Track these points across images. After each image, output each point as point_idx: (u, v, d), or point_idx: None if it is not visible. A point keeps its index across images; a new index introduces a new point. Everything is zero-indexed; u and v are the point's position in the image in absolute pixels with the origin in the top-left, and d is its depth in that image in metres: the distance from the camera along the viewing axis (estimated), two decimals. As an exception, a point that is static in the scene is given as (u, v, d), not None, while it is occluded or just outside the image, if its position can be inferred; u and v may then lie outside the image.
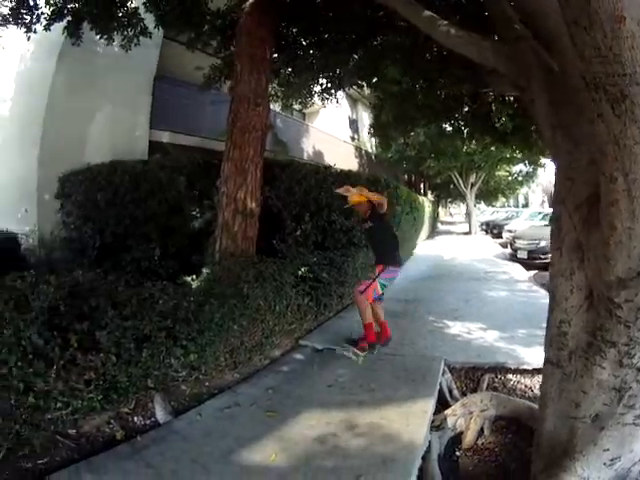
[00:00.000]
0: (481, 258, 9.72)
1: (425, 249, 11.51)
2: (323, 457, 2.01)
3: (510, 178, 20.03)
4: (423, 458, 2.07)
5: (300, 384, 2.88)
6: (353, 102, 15.54)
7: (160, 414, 2.34)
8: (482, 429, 2.43)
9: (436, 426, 2.32)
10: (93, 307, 2.22)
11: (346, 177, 5.25)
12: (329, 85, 5.80)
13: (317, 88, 6.00)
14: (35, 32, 4.76)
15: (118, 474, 1.94)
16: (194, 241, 4.96)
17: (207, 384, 2.80)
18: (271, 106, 5.11)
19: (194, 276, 3.84)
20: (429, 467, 2.06)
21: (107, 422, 2.27)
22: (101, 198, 5.20)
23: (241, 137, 4.03)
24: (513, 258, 9.58)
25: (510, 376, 3.04)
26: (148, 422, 2.32)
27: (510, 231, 12.84)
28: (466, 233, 18.17)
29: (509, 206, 31.45)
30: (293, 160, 6.42)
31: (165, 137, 7.17)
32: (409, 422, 2.26)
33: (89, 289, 2.32)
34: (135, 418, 2.31)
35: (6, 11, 4.62)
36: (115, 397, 2.25)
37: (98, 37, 5.08)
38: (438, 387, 2.75)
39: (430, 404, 2.49)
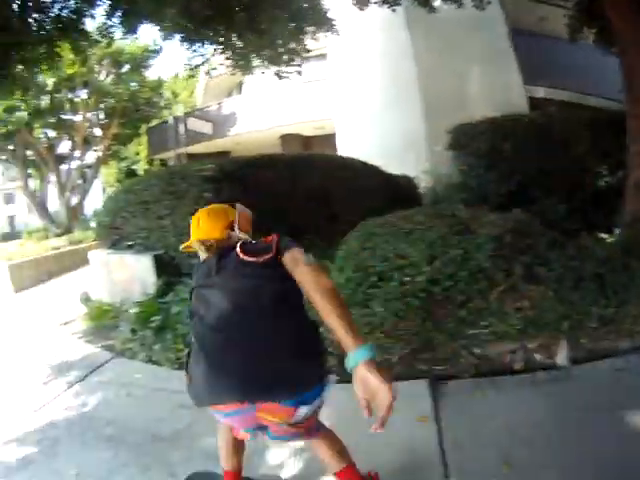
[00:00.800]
0: None
1: None
2: None
3: None
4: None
5: None
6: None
7: (560, 358, 2.43)
8: None
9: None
10: (529, 244, 2.35)
11: None
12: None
13: None
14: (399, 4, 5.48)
15: (515, 397, 2.09)
16: (600, 199, 4.71)
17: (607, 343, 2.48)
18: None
19: (607, 235, 3.68)
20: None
21: (510, 351, 2.40)
22: (507, 148, 5.26)
23: None
24: None
25: None
26: (546, 362, 2.40)
27: None
28: None
29: None
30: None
31: (540, 92, 7.04)
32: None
33: (526, 228, 2.46)
34: (535, 355, 2.44)
35: None
36: (531, 331, 2.37)
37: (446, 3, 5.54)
38: None
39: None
